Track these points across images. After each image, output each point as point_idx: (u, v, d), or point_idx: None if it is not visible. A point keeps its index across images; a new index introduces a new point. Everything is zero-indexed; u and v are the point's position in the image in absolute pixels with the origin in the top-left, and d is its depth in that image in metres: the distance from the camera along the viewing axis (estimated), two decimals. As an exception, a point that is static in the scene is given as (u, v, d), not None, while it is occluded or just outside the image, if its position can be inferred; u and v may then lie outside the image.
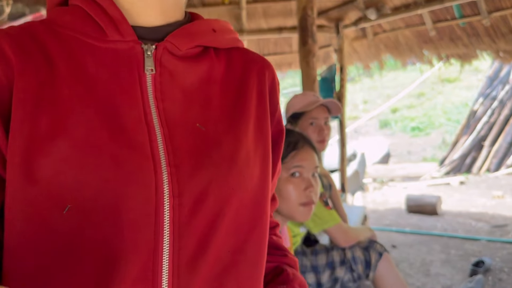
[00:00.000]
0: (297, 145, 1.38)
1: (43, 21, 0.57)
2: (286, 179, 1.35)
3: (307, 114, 2.16)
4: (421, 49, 4.65)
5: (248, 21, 4.68)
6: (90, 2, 0.57)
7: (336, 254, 1.99)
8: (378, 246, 1.99)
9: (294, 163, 1.36)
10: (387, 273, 1.94)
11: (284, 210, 1.36)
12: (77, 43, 0.56)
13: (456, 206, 5.77)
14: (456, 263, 3.70)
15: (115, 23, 0.56)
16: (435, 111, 12.33)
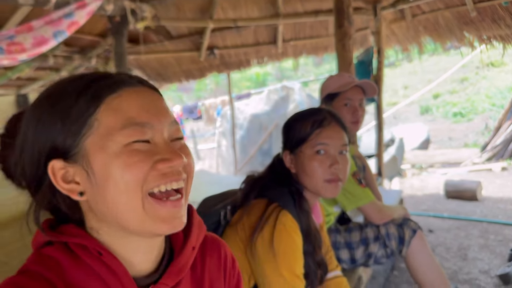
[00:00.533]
0: (322, 123, 1.40)
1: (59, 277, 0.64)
2: (311, 156, 1.38)
3: (342, 95, 2.16)
4: (461, 31, 4.53)
5: (284, 4, 4.71)
6: (95, 258, 0.65)
7: (370, 231, 2.04)
8: (412, 224, 2.02)
9: (319, 140, 1.38)
10: (420, 249, 1.97)
11: (310, 186, 1.40)
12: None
13: (497, 192, 5.64)
14: (495, 248, 3.66)
15: (119, 278, 0.65)
16: (479, 96, 11.95)
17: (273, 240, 1.23)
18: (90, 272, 0.65)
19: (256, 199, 1.37)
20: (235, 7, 4.77)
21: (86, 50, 4.95)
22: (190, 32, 5.11)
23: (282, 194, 1.35)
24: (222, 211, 1.43)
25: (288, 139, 1.45)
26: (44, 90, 0.67)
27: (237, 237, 1.33)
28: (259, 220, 1.28)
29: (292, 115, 1.53)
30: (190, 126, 14.56)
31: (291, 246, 1.25)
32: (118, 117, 0.63)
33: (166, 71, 5.56)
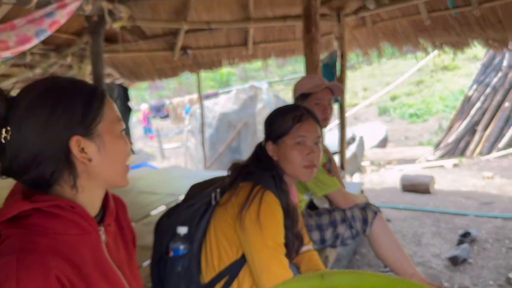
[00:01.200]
0: (301, 118, 1.63)
1: (48, 238, 0.87)
2: (292, 146, 1.61)
3: (313, 95, 2.37)
4: (416, 37, 4.88)
5: (255, 9, 4.94)
6: (68, 211, 0.89)
7: (337, 214, 2.29)
8: (373, 207, 2.29)
9: (299, 133, 1.61)
10: (381, 229, 2.24)
11: (290, 171, 1.63)
12: (71, 241, 0.90)
13: (449, 186, 6.06)
14: (445, 235, 3.95)
15: (88, 220, 0.92)
16: (433, 98, 12.53)
17: (259, 216, 1.42)
18: (67, 221, 0.89)
19: (242, 182, 1.56)
20: (209, 10, 4.95)
21: (61, 48, 4.99)
22: (164, 32, 5.24)
23: (265, 178, 1.56)
24: (213, 193, 1.61)
25: (271, 131, 1.65)
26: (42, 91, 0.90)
27: (227, 215, 1.51)
28: (246, 200, 1.47)
29: (273, 110, 1.74)
30: (156, 125, 14.49)
31: (274, 220, 1.46)
32: (114, 112, 0.94)
33: (139, 69, 5.64)
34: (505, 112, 7.82)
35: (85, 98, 0.91)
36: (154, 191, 3.93)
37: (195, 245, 1.55)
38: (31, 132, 0.86)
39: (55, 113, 0.87)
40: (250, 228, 1.43)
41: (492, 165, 7.08)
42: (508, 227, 4.03)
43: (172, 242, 1.52)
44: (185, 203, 1.62)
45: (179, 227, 1.52)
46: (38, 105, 0.87)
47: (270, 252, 1.42)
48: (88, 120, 0.89)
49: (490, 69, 8.65)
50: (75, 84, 0.93)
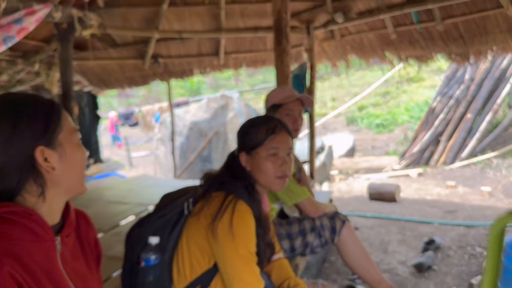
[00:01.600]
0: (275, 130, 1.66)
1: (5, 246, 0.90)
2: (265, 157, 1.64)
3: (285, 106, 2.42)
4: (383, 50, 5.03)
5: (227, 20, 4.99)
6: (26, 218, 0.92)
7: (307, 223, 2.33)
8: (341, 216, 2.34)
9: (273, 145, 1.64)
10: (350, 237, 2.29)
11: (263, 181, 1.66)
12: (26, 246, 0.93)
13: (414, 195, 6.24)
14: (410, 242, 4.07)
15: (44, 229, 0.95)
16: (399, 109, 12.86)
17: (231, 225, 1.44)
18: (24, 228, 0.91)
19: (215, 192, 1.58)
20: (180, 20, 4.96)
21: (29, 54, 4.88)
22: (135, 40, 5.21)
23: (238, 188, 1.58)
24: (185, 203, 1.62)
25: (245, 142, 1.67)
26: (4, 107, 0.94)
27: (200, 224, 1.52)
28: (219, 209, 1.49)
29: (245, 122, 1.77)
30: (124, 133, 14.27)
31: (246, 229, 1.48)
32: (70, 123, 1.01)
33: (109, 77, 5.56)
34: (467, 123, 8.12)
35: (45, 110, 0.97)
36: (123, 201, 3.88)
37: (167, 255, 1.55)
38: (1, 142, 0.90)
39: (19, 126, 0.92)
40: (222, 237, 1.44)
41: (455, 175, 7.33)
42: (470, 234, 4.18)
43: (144, 252, 1.51)
44: (157, 213, 1.62)
45: (150, 237, 1.52)
46: (1, 120, 0.92)
47: (242, 261, 1.44)
48: (50, 131, 0.95)
49: (453, 82, 8.98)
50: (34, 98, 0.99)
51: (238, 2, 4.89)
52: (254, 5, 4.89)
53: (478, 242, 3.96)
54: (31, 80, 5.40)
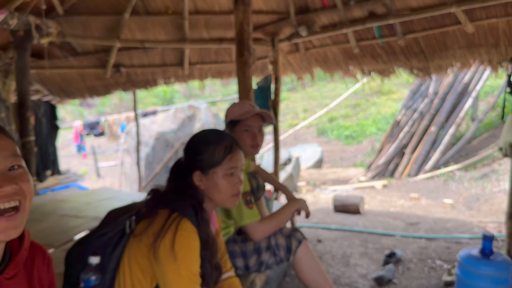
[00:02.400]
0: (232, 149, 1.63)
1: None
2: (223, 176, 1.60)
3: (243, 122, 2.35)
4: (347, 64, 5.09)
5: (191, 31, 4.95)
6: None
7: (262, 241, 2.27)
8: (298, 235, 2.29)
9: (231, 164, 1.61)
10: (305, 257, 2.25)
11: (218, 200, 1.63)
12: None
13: (378, 207, 6.31)
14: (372, 255, 4.10)
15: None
16: (368, 121, 13.10)
17: (173, 244, 1.39)
18: None
19: (160, 209, 1.52)
20: (143, 29, 4.89)
21: (-17, 62, 4.72)
22: (96, 49, 5.09)
23: (183, 206, 1.53)
24: (127, 221, 1.55)
25: (200, 161, 1.61)
26: None
27: (141, 244, 1.46)
28: (162, 228, 1.43)
29: (196, 136, 1.71)
30: (92, 142, 14.00)
31: (189, 249, 1.43)
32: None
33: (69, 86, 5.41)
34: (431, 136, 8.31)
35: None
36: (79, 215, 3.75)
37: (108, 276, 1.49)
38: None
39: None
40: (164, 258, 1.39)
41: (419, 187, 7.46)
42: (431, 247, 4.24)
43: (83, 273, 1.45)
44: (98, 231, 1.56)
45: (90, 257, 1.45)
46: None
47: (184, 282, 1.39)
48: None
49: (417, 95, 9.20)
50: None
51: (202, 12, 4.88)
52: (218, 16, 4.89)
53: (438, 255, 4.02)
54: (-14, 88, 5.19)
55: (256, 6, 4.73)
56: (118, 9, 4.68)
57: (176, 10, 4.79)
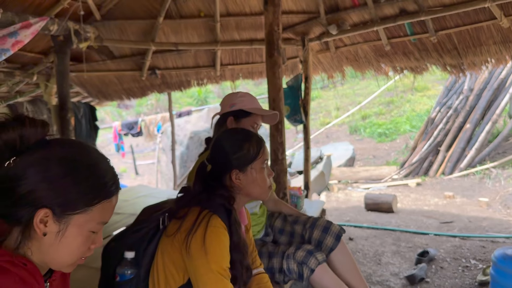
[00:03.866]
0: (261, 143, 1.69)
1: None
2: (260, 170, 1.66)
3: (253, 117, 2.32)
4: (378, 62, 5.04)
5: (222, 32, 5.05)
6: (21, 268, 0.89)
7: (276, 261, 2.20)
8: (312, 262, 2.07)
9: (264, 157, 1.68)
10: (321, 282, 2.07)
11: (256, 193, 1.69)
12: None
13: (411, 205, 6.23)
14: (405, 253, 4.08)
15: (36, 278, 0.93)
16: (401, 118, 12.84)
17: (204, 240, 1.43)
18: (15, 277, 0.87)
19: (191, 207, 1.57)
20: (176, 32, 5.04)
21: (27, 66, 4.98)
22: (132, 52, 5.28)
23: (214, 203, 1.57)
24: (161, 217, 1.61)
25: (238, 159, 1.64)
26: (72, 158, 0.93)
27: (174, 239, 1.51)
28: (193, 224, 1.48)
29: (225, 138, 1.72)
30: (130, 142, 14.40)
31: (219, 245, 1.46)
32: (104, 215, 0.96)
33: (107, 89, 5.63)
34: (466, 133, 8.10)
35: (94, 186, 0.94)
36: (117, 211, 3.88)
37: (142, 270, 1.55)
38: (33, 180, 0.88)
39: (58, 181, 0.89)
40: (195, 253, 1.43)
41: (453, 185, 7.30)
42: (466, 246, 4.18)
43: (119, 267, 1.51)
44: (133, 227, 1.62)
45: (126, 252, 1.51)
46: (55, 168, 0.90)
47: (214, 277, 1.41)
48: (72, 206, 0.91)
49: (452, 92, 8.98)
50: (96, 164, 0.96)
51: (233, 15, 4.96)
52: (249, 17, 4.96)
53: (473, 254, 3.96)
54: (30, 91, 5.48)
55: (285, 6, 4.78)
56: (153, 13, 4.84)
57: (208, 13, 4.90)
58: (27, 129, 0.90)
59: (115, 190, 0.98)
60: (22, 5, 3.86)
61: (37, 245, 0.92)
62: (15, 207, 0.88)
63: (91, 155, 0.97)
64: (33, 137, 0.91)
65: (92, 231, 0.96)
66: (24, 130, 0.90)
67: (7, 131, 0.89)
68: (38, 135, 0.92)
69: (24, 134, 0.90)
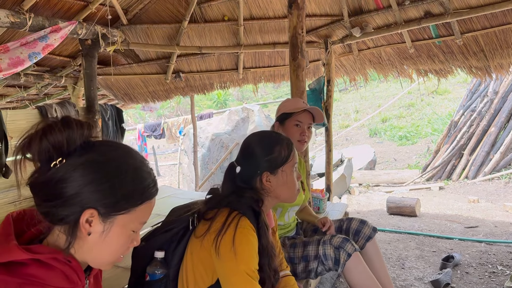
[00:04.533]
0: (291, 146, 1.71)
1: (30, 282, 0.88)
2: (291, 172, 1.68)
3: (294, 116, 2.43)
4: (402, 64, 5.02)
5: (245, 36, 5.10)
6: (65, 265, 0.93)
7: (311, 249, 2.25)
8: (349, 247, 2.15)
9: (295, 160, 1.70)
10: (355, 270, 2.14)
11: (286, 196, 1.70)
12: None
13: (434, 209, 6.14)
14: (429, 258, 4.03)
15: (79, 274, 0.96)
16: (422, 121, 12.71)
17: (233, 241, 1.43)
18: (60, 274, 0.91)
19: (220, 208, 1.58)
20: (200, 36, 5.11)
21: (56, 69, 5.10)
22: (157, 56, 5.37)
23: (242, 205, 1.58)
24: (191, 218, 1.63)
25: (269, 161, 1.66)
26: (117, 164, 0.96)
27: (204, 240, 1.52)
28: (223, 225, 1.49)
29: (256, 140, 1.75)
30: (152, 143, 14.57)
31: (248, 246, 1.46)
32: (144, 215, 1.00)
33: (133, 91, 5.74)
34: (491, 137, 7.96)
35: (138, 188, 0.97)
36: (142, 212, 3.96)
37: (172, 270, 1.57)
38: (79, 182, 0.90)
39: (105, 182, 0.92)
40: (224, 254, 1.44)
41: (477, 189, 7.19)
42: (492, 251, 4.11)
43: (149, 267, 1.52)
44: (163, 227, 1.63)
45: (156, 252, 1.53)
46: (102, 170, 0.92)
47: (243, 278, 1.41)
48: (118, 206, 0.94)
49: (476, 95, 8.84)
50: (139, 167, 0.99)
51: (256, 18, 5.00)
52: (272, 21, 4.99)
53: (499, 260, 3.89)
54: (58, 93, 5.61)
55: (309, 10, 4.80)
56: (178, 18, 4.91)
57: (232, 17, 4.95)
58: (74, 131, 0.92)
59: (156, 192, 1.02)
60: (52, 10, 3.97)
61: (80, 244, 0.94)
62: (61, 208, 0.90)
63: (134, 158, 0.99)
64: (80, 139, 0.93)
65: (133, 231, 0.99)
66: (71, 132, 0.91)
67: (55, 134, 0.90)
68: (84, 137, 0.94)
69: (71, 136, 0.91)
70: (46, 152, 0.90)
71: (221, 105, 19.57)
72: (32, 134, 0.90)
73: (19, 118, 3.67)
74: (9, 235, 0.92)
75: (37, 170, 0.91)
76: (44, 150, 0.90)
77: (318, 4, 4.83)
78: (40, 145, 0.90)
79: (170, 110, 21.04)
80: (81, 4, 4.09)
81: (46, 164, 0.91)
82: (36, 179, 0.91)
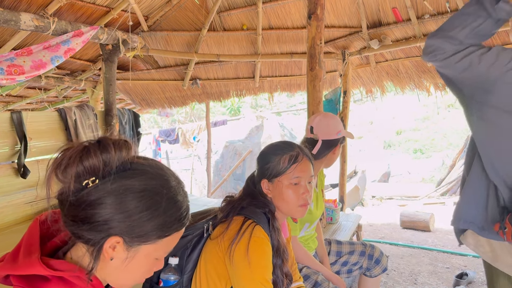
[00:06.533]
0: (297, 158, 1.66)
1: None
2: (288, 186, 1.64)
3: (341, 141, 2.38)
4: (419, 78, 5.00)
5: (263, 45, 5.13)
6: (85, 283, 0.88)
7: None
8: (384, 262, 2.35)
9: (295, 174, 1.64)
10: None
11: (285, 209, 1.66)
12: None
13: (449, 225, 6.05)
14: (442, 274, 3.99)
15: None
16: (438, 134, 12.59)
17: (248, 250, 1.43)
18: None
19: (235, 216, 1.57)
20: (219, 44, 5.16)
21: (76, 73, 5.19)
22: (176, 62, 5.43)
23: (257, 213, 1.58)
24: (205, 225, 1.62)
25: (267, 170, 1.66)
26: (152, 192, 0.91)
27: (218, 247, 1.52)
28: (237, 234, 1.48)
29: (267, 147, 1.76)
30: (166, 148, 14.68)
31: (263, 255, 1.46)
32: (170, 246, 0.95)
33: (150, 97, 5.81)
34: (508, 153, 7.83)
35: (170, 220, 0.92)
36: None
37: (186, 276, 1.57)
38: (110, 210, 0.87)
39: (137, 214, 0.88)
40: (238, 262, 1.44)
41: (493, 206, 7.07)
42: (506, 269, 4.05)
43: (163, 272, 1.52)
44: None
45: (170, 258, 1.53)
46: (134, 200, 0.88)
47: (257, 287, 1.41)
48: (145, 237, 0.90)
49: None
50: (174, 197, 0.93)
51: (275, 28, 5.03)
52: (291, 31, 5.02)
53: (514, 278, 3.82)
54: (76, 96, 5.70)
55: (328, 21, 4.82)
56: (197, 26, 4.98)
57: (251, 26, 4.99)
58: (111, 154, 0.86)
59: (187, 221, 0.97)
60: (75, 15, 4.07)
61: (102, 265, 0.92)
62: (87, 232, 0.88)
63: (170, 186, 0.94)
64: (117, 162, 0.88)
65: (157, 258, 0.96)
66: (108, 156, 0.86)
67: (91, 157, 0.85)
68: (121, 159, 0.88)
69: (107, 160, 0.86)
70: (81, 176, 0.86)
71: (235, 112, 19.64)
72: (68, 159, 0.86)
73: (39, 119, 3.73)
74: (33, 245, 0.90)
75: (68, 188, 0.87)
76: (78, 174, 0.86)
77: (337, 16, 4.85)
78: (76, 171, 0.86)
79: (184, 115, 21.18)
80: (103, 10, 4.18)
81: (78, 184, 0.87)
82: (66, 197, 0.87)
